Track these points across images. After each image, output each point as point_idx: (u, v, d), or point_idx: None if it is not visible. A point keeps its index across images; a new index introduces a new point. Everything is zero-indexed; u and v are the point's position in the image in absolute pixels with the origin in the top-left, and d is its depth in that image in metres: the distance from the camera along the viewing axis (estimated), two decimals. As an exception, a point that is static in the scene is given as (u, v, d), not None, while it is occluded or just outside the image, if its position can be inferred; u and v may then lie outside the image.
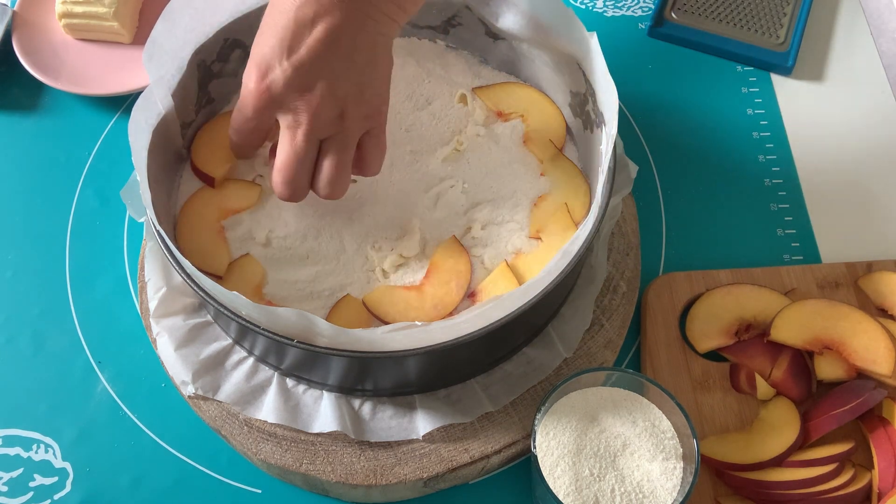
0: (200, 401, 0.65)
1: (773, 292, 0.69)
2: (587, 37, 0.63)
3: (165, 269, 0.68)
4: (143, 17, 0.89)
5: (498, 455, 0.63)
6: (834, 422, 0.62)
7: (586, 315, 0.67)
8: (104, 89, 0.83)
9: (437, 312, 0.63)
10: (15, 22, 0.86)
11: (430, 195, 0.69)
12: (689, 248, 0.76)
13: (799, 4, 0.88)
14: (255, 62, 0.58)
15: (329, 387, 0.64)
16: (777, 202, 0.78)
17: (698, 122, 0.83)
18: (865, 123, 0.83)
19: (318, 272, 0.66)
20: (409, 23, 0.76)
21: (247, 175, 0.70)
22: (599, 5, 0.92)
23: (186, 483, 0.66)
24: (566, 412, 0.58)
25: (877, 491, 0.61)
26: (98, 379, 0.70)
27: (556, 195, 0.68)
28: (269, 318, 0.55)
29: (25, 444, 0.68)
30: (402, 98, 0.74)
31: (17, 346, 0.72)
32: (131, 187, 0.66)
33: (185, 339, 0.66)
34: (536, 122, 0.72)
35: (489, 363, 0.65)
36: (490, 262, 0.66)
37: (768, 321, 0.68)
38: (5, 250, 0.77)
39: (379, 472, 0.62)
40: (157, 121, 0.64)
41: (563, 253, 0.56)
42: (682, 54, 0.88)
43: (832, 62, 0.87)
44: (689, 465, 0.56)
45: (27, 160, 0.82)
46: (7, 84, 0.87)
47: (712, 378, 0.68)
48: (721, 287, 0.70)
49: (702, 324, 0.69)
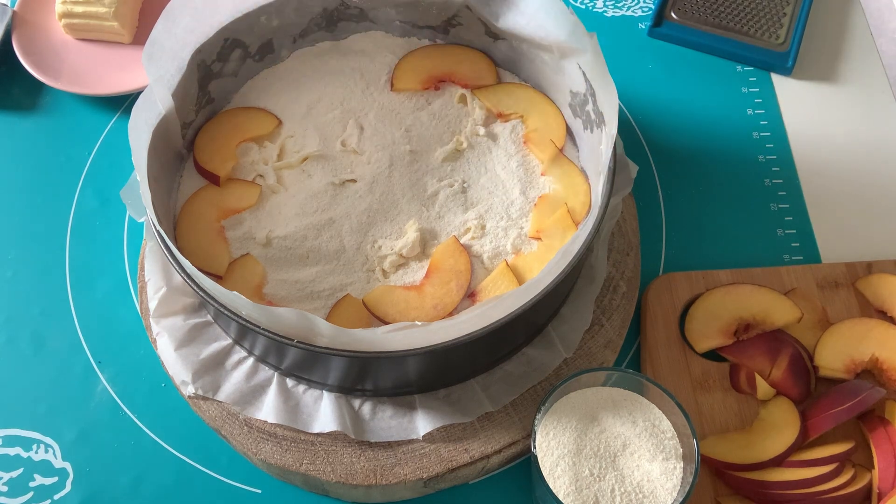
0: (200, 401, 0.65)
1: (772, 292, 0.69)
2: (587, 37, 0.63)
3: (165, 269, 0.68)
4: (143, 17, 0.89)
5: (498, 455, 0.63)
6: (832, 421, 0.62)
7: (586, 315, 0.67)
8: (104, 89, 0.83)
9: (437, 312, 0.63)
10: (15, 22, 0.86)
11: (429, 195, 0.69)
12: (689, 248, 0.76)
13: (799, 4, 0.88)
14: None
15: (329, 387, 0.64)
16: (777, 202, 0.78)
17: (698, 122, 0.83)
18: (865, 123, 0.83)
19: (318, 272, 0.66)
20: (409, 23, 0.76)
21: (247, 175, 0.70)
22: (599, 5, 0.92)
23: (186, 483, 0.66)
24: (566, 412, 0.58)
25: (877, 491, 0.61)
26: (98, 379, 0.70)
27: (556, 195, 0.68)
28: (269, 318, 0.55)
29: (25, 444, 0.68)
30: (402, 98, 0.74)
31: (17, 346, 0.72)
32: (131, 187, 0.66)
33: (185, 339, 0.66)
34: (536, 122, 0.72)
35: (489, 363, 0.65)
36: (490, 262, 0.66)
37: (767, 321, 0.68)
38: (5, 250, 0.77)
39: (379, 472, 0.62)
40: (157, 121, 0.64)
41: (563, 253, 0.56)
42: (682, 54, 0.88)
43: (832, 62, 0.87)
44: (689, 465, 0.56)
45: (27, 160, 0.82)
46: (7, 84, 0.87)
47: (712, 378, 0.68)
48: (720, 287, 0.70)
49: (701, 324, 0.69)
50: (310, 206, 0.68)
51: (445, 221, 0.68)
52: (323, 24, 0.76)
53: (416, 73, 0.75)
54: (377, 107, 0.74)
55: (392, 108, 0.74)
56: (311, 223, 0.67)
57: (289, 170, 0.71)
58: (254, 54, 0.73)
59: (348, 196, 0.69)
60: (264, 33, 0.73)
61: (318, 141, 0.72)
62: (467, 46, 0.76)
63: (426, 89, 0.74)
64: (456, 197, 0.69)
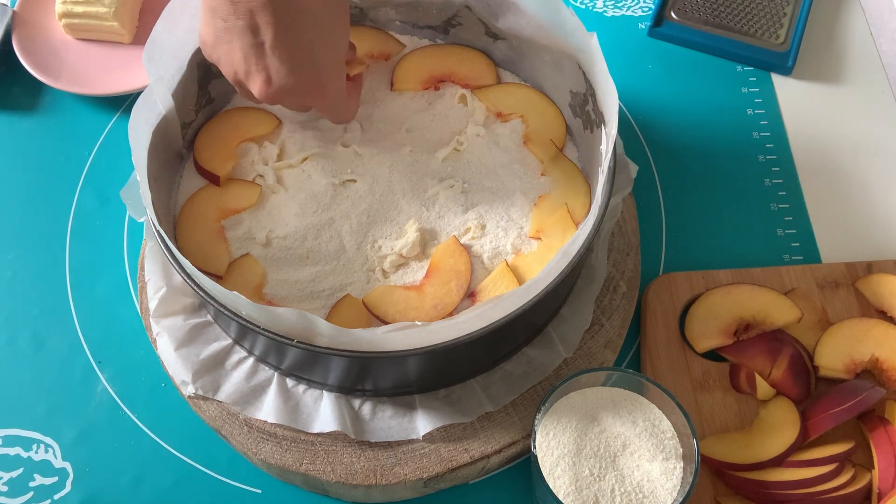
0: (200, 401, 0.65)
1: (771, 291, 0.69)
2: (587, 37, 0.63)
3: (165, 269, 0.68)
4: (143, 17, 0.89)
5: (498, 455, 0.63)
6: (832, 421, 0.62)
7: (586, 315, 0.67)
8: (104, 89, 0.83)
9: (437, 312, 0.63)
10: (15, 22, 0.86)
11: (429, 195, 0.69)
12: (689, 248, 0.76)
13: (799, 4, 0.88)
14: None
15: (329, 387, 0.64)
16: (777, 202, 0.78)
17: (698, 122, 0.83)
18: (865, 123, 0.83)
19: (318, 272, 0.66)
20: (409, 23, 0.76)
21: (247, 175, 0.70)
22: (599, 5, 0.92)
23: (186, 483, 0.66)
24: (566, 412, 0.58)
25: (877, 491, 0.61)
26: (98, 379, 0.70)
27: (556, 195, 0.68)
28: (269, 318, 0.55)
29: (25, 444, 0.68)
30: (402, 98, 0.74)
31: (17, 346, 0.72)
32: (131, 187, 0.66)
33: (185, 339, 0.66)
34: (536, 122, 0.72)
35: (489, 363, 0.65)
36: (490, 262, 0.66)
37: (767, 321, 0.68)
38: (5, 250, 0.77)
39: (379, 472, 0.62)
40: (157, 121, 0.64)
41: (563, 253, 0.56)
42: (682, 54, 0.88)
43: (832, 62, 0.87)
44: (689, 465, 0.56)
45: (27, 160, 0.82)
46: (7, 84, 0.87)
47: (712, 378, 0.68)
48: (720, 287, 0.70)
49: (701, 324, 0.69)
50: (310, 207, 0.68)
51: (445, 221, 0.68)
52: (323, 24, 0.76)
53: (416, 73, 0.75)
54: (377, 107, 0.74)
55: (392, 108, 0.74)
56: (311, 223, 0.67)
57: (289, 170, 0.71)
58: (254, 54, 0.73)
59: (348, 196, 0.69)
60: (264, 33, 0.73)
61: (318, 141, 0.72)
62: (467, 46, 0.76)
63: (426, 89, 0.74)
64: (456, 197, 0.69)
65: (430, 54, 0.76)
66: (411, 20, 0.76)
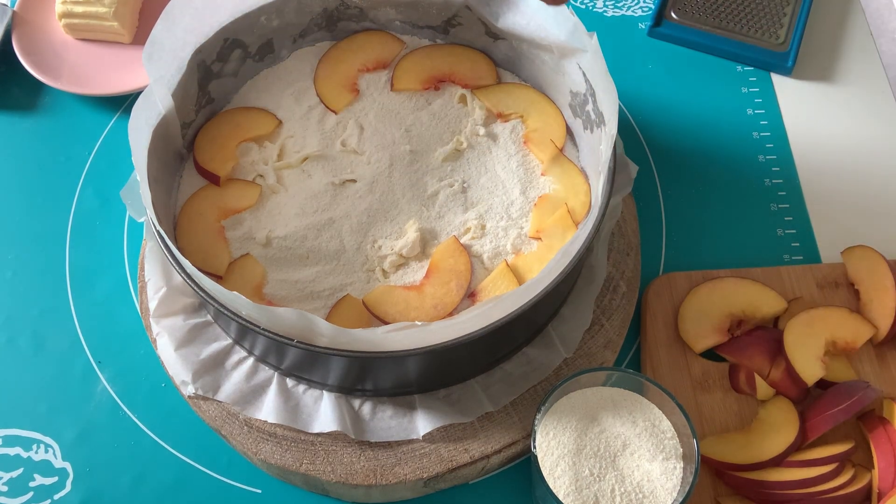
0: (200, 401, 0.65)
1: (755, 283, 0.69)
2: (587, 37, 0.63)
3: (165, 269, 0.68)
4: (143, 17, 0.89)
5: (498, 455, 0.63)
6: (829, 422, 0.62)
7: (586, 315, 0.67)
8: (104, 89, 0.83)
9: (437, 312, 0.63)
10: (15, 22, 0.86)
11: (429, 195, 0.69)
12: (689, 248, 0.76)
13: (799, 4, 0.88)
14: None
15: (329, 387, 0.64)
16: (777, 202, 0.78)
17: (698, 122, 0.83)
18: (865, 123, 0.83)
19: (318, 272, 0.66)
20: (409, 23, 0.76)
21: (247, 175, 0.70)
22: (599, 5, 0.92)
23: (186, 483, 0.66)
24: (566, 412, 0.58)
25: (877, 491, 0.61)
26: (98, 379, 0.70)
27: (556, 195, 0.68)
28: (269, 318, 0.55)
29: (25, 444, 0.68)
30: (402, 98, 0.74)
31: (17, 346, 0.72)
32: (131, 187, 0.66)
33: (185, 339, 0.66)
34: (536, 122, 0.72)
35: (489, 363, 0.65)
36: (490, 262, 0.66)
37: (757, 314, 0.68)
38: (5, 250, 0.77)
39: (379, 472, 0.62)
40: (157, 121, 0.64)
41: (563, 253, 0.56)
42: (682, 54, 0.88)
43: (832, 62, 0.87)
44: (689, 465, 0.56)
45: (27, 160, 0.82)
46: (7, 84, 0.87)
47: (712, 378, 0.68)
48: (703, 284, 0.70)
49: (693, 324, 0.69)
50: (310, 207, 0.68)
51: (445, 221, 0.68)
52: (323, 24, 0.76)
53: (416, 73, 0.75)
54: (377, 107, 0.74)
55: (392, 108, 0.74)
56: (311, 223, 0.67)
57: (289, 170, 0.71)
58: (254, 54, 0.73)
59: (348, 196, 0.69)
60: (264, 33, 0.73)
61: (318, 141, 0.72)
62: (467, 46, 0.76)
63: (426, 89, 0.74)
64: (456, 197, 0.69)
65: (430, 54, 0.76)
66: (411, 20, 0.76)
